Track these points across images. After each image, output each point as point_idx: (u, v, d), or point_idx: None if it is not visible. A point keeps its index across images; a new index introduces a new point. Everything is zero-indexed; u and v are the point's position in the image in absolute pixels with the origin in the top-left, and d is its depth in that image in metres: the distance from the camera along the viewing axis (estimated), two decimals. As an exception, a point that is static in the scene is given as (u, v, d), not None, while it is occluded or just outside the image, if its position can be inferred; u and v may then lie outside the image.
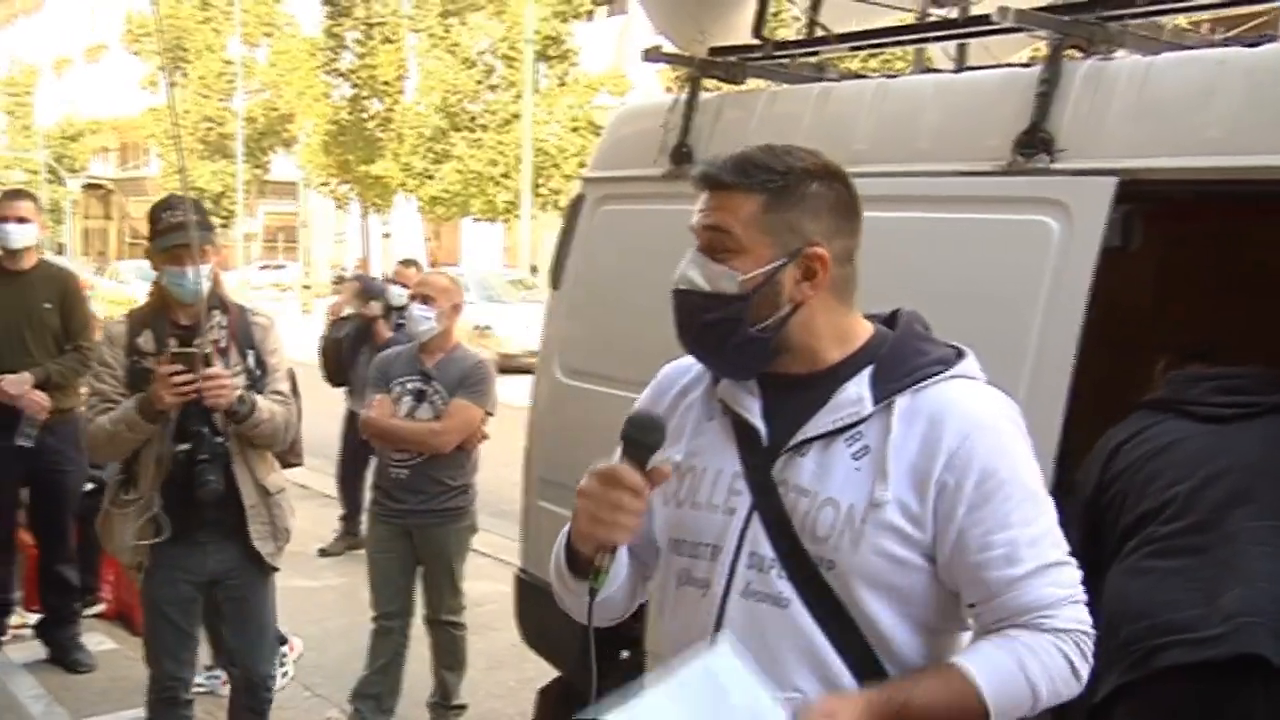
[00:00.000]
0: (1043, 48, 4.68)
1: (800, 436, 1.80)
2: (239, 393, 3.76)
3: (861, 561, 1.73)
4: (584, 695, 5.01)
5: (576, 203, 4.54)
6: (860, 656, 1.74)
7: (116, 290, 25.89)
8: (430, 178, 31.55)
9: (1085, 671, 1.74)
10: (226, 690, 5.17)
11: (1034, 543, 1.73)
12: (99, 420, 3.80)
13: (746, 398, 1.85)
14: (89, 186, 56.28)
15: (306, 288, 35.97)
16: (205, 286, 3.78)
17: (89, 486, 5.93)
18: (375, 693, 4.99)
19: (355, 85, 34.78)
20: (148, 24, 43.33)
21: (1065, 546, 1.77)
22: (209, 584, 3.97)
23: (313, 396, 7.36)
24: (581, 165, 30.71)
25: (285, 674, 5.27)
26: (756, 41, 4.02)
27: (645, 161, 4.14)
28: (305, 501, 9.34)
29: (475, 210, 31.56)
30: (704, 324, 1.81)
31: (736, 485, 1.83)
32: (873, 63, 14.42)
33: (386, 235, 39.84)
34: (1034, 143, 3.00)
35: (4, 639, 5.69)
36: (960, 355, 1.86)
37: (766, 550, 1.78)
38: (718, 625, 1.79)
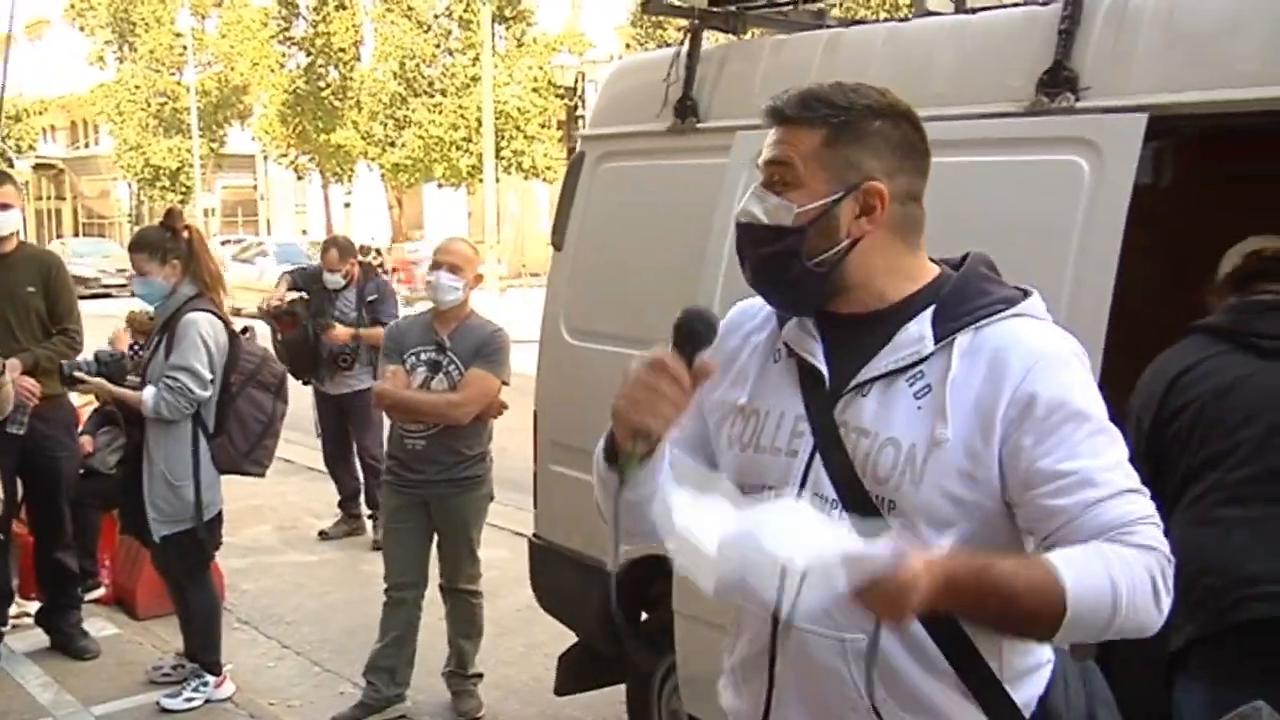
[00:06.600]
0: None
1: (861, 377, 1.80)
2: None
3: (926, 501, 1.72)
4: (603, 657, 4.91)
5: (576, 162, 4.46)
6: None
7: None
8: (392, 144, 31.23)
9: (1167, 603, 1.65)
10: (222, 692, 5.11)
11: (1108, 470, 1.69)
12: None
13: (808, 339, 1.86)
14: (39, 167, 55.30)
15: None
16: None
17: (82, 471, 5.88)
18: (390, 665, 4.93)
19: (310, 53, 34.34)
20: (92, -2, 42.56)
21: (1138, 479, 1.72)
22: None
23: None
24: (543, 126, 30.63)
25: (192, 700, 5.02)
26: (757, -10, 3.93)
27: (647, 116, 4.06)
28: (292, 477, 9.26)
29: (438, 176, 31.30)
30: (762, 257, 1.83)
31: (799, 428, 1.84)
32: (862, 11, 14.28)
33: (348, 205, 39.51)
34: (1058, 81, 2.95)
35: (4, 629, 5.59)
36: (1026, 295, 1.83)
37: (829, 491, 1.78)
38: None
